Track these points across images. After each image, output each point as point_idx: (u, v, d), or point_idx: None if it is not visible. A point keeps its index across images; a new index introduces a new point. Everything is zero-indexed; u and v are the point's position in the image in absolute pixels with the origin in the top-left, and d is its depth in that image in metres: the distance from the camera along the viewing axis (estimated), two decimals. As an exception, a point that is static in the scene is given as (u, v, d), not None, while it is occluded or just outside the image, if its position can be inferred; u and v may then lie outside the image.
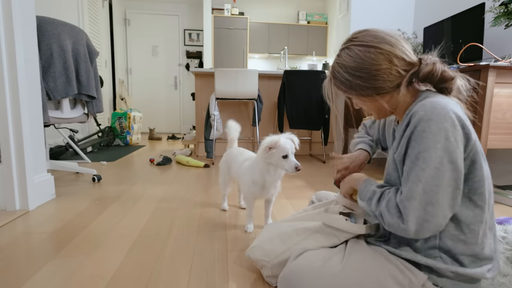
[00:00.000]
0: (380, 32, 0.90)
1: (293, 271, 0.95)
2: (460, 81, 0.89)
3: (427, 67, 0.86)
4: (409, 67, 0.88)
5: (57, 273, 1.21)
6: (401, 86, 0.89)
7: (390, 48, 0.87)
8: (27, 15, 1.92)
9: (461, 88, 0.89)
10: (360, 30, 0.94)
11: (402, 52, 0.88)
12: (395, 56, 0.87)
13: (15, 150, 1.88)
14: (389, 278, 0.85)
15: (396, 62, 0.87)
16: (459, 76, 0.89)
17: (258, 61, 7.22)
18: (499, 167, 2.70)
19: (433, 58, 0.88)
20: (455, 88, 0.88)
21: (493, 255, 0.86)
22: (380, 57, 0.87)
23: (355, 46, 0.90)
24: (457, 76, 0.88)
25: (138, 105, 7.17)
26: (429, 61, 0.88)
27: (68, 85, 2.32)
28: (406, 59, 0.88)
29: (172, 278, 1.19)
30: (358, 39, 0.91)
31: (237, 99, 3.66)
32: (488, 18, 2.78)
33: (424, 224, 0.78)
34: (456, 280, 0.84)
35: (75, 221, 1.76)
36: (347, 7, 4.09)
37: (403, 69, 0.88)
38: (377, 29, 0.92)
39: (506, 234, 1.44)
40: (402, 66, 0.88)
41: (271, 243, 1.13)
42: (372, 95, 0.92)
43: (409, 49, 0.90)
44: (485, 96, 2.03)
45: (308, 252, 0.99)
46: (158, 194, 2.29)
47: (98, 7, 5.62)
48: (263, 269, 1.15)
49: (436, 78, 0.86)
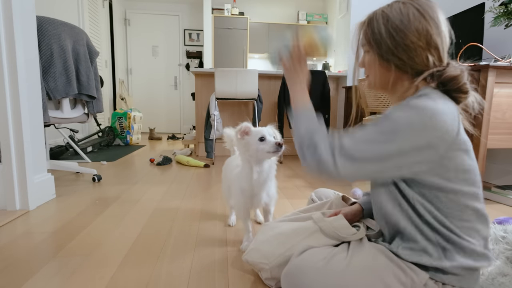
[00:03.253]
0: (440, 12, 0.88)
1: (297, 267, 0.94)
2: (471, 98, 0.88)
3: (455, 71, 0.85)
4: (439, 62, 0.87)
5: (57, 273, 1.21)
6: (418, 76, 0.87)
7: (437, 32, 0.85)
8: (27, 15, 1.92)
9: (468, 106, 0.88)
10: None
11: (442, 44, 0.86)
12: (435, 42, 0.85)
13: (15, 150, 1.88)
14: (392, 278, 0.85)
15: (432, 49, 0.85)
16: (473, 94, 0.88)
17: (258, 61, 7.21)
18: (499, 167, 2.70)
19: (462, 66, 0.87)
20: (464, 103, 0.88)
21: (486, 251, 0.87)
22: (424, 32, 0.84)
23: (412, 7, 0.86)
24: (472, 93, 0.88)
25: (138, 105, 7.17)
26: (458, 67, 0.86)
27: (68, 85, 2.32)
28: (440, 53, 0.86)
29: (171, 279, 1.19)
30: (419, 2, 0.87)
31: (237, 99, 3.66)
32: (488, 18, 2.78)
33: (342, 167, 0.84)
34: (460, 275, 0.85)
35: (75, 221, 1.76)
36: (347, 7, 4.10)
37: (433, 60, 0.86)
38: (440, 9, 0.88)
39: (506, 234, 1.43)
40: (433, 56, 0.86)
41: (269, 244, 1.11)
42: (390, 62, 0.89)
43: (447, 47, 0.88)
44: (485, 96, 2.03)
45: (312, 250, 0.98)
46: (158, 194, 2.29)
47: (98, 7, 5.62)
48: (262, 272, 1.13)
49: (456, 86, 0.85)
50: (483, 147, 2.06)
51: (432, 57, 0.85)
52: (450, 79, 0.85)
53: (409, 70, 0.88)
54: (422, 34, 0.84)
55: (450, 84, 0.85)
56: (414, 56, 0.86)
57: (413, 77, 0.89)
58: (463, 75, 0.85)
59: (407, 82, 0.91)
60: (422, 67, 0.87)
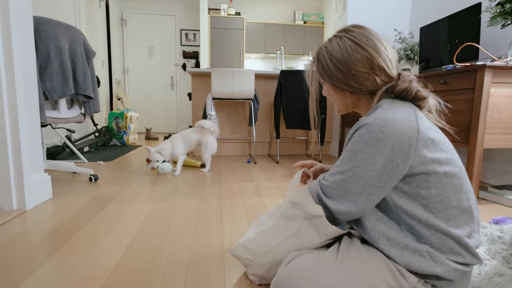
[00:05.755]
0: (375, 36, 0.96)
1: (285, 277, 0.93)
2: (431, 100, 0.95)
3: (404, 84, 0.92)
4: (388, 79, 0.95)
5: (54, 273, 1.21)
6: (375, 96, 0.96)
7: (376, 56, 0.93)
8: (24, 16, 1.91)
9: (431, 108, 0.96)
10: (359, 26, 0.99)
11: (385, 63, 0.94)
12: (378, 64, 0.93)
13: (12, 150, 1.88)
14: (381, 282, 0.85)
15: (377, 71, 0.94)
16: (431, 96, 0.96)
17: (255, 61, 7.22)
18: (496, 167, 2.71)
19: (411, 76, 0.94)
20: (426, 106, 0.95)
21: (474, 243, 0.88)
22: (364, 60, 0.93)
23: (348, 39, 0.96)
24: (429, 96, 0.94)
25: (134, 105, 7.16)
26: (407, 78, 0.93)
27: (65, 85, 2.31)
28: (387, 71, 0.94)
29: (169, 278, 1.19)
30: (353, 34, 0.96)
31: (234, 99, 3.66)
32: (485, 18, 2.79)
33: (338, 204, 0.90)
34: (454, 279, 0.85)
35: (72, 220, 1.75)
36: (343, 7, 4.10)
37: (381, 79, 0.95)
38: (373, 32, 0.97)
39: (502, 233, 1.44)
40: (381, 76, 0.94)
41: (255, 242, 1.13)
42: (344, 89, 0.99)
43: (394, 61, 0.96)
44: (481, 96, 2.04)
45: (299, 257, 0.96)
46: (155, 194, 2.29)
47: (95, 7, 5.60)
48: (248, 267, 1.16)
49: (410, 96, 0.92)
50: (479, 147, 2.07)
51: (379, 77, 0.95)
52: (402, 91, 0.92)
53: (362, 92, 0.98)
54: (364, 62, 0.94)
55: (404, 95, 0.92)
56: (363, 81, 0.95)
57: (370, 95, 0.99)
58: (413, 84, 0.92)
59: (366, 100, 1.01)
60: (374, 87, 0.96)
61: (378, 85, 0.95)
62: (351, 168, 0.87)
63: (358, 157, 0.86)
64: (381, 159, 0.83)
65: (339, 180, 0.89)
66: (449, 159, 0.86)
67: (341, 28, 1.01)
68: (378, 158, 0.84)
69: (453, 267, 0.83)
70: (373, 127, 0.84)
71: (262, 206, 2.06)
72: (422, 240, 0.86)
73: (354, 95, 1.00)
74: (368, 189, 0.86)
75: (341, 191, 0.89)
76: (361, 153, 0.85)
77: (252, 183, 2.68)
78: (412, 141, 0.83)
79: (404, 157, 0.83)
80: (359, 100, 1.01)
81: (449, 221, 0.85)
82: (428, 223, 0.85)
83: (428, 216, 0.85)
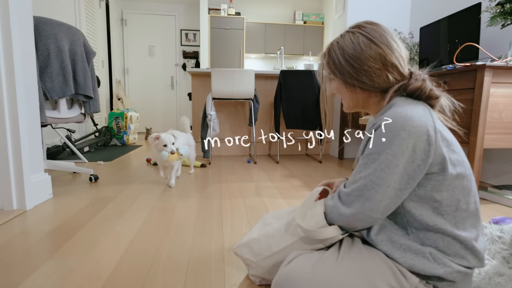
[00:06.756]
0: (387, 33, 0.95)
1: (286, 277, 0.92)
2: (444, 101, 0.93)
3: (417, 82, 0.90)
4: (400, 77, 0.93)
5: (54, 273, 1.21)
6: (386, 94, 0.94)
7: (389, 53, 0.92)
8: (24, 16, 1.91)
9: (445, 108, 0.94)
10: (372, 22, 0.98)
11: (397, 61, 0.92)
12: (391, 61, 0.92)
13: (12, 150, 1.88)
14: (383, 282, 0.85)
15: (390, 68, 0.92)
16: (444, 96, 0.94)
17: (255, 61, 7.22)
18: (495, 167, 2.71)
19: (423, 75, 0.93)
20: (438, 105, 0.93)
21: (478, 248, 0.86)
22: (377, 56, 0.91)
23: (361, 35, 0.95)
24: (442, 96, 0.93)
25: (135, 105, 7.16)
26: (419, 77, 0.92)
27: (65, 85, 2.31)
28: (399, 69, 0.93)
29: (169, 278, 1.19)
30: (366, 29, 0.95)
31: (234, 99, 3.66)
32: (485, 18, 2.79)
33: (358, 215, 0.85)
34: (457, 280, 0.85)
35: (72, 220, 1.75)
36: (343, 7, 4.10)
37: (393, 77, 0.93)
38: (386, 28, 0.96)
39: (502, 233, 1.44)
40: (393, 73, 0.93)
41: (258, 244, 1.13)
42: (355, 85, 0.97)
43: (406, 59, 0.95)
44: (481, 96, 2.04)
45: (300, 257, 0.96)
46: (155, 194, 2.29)
47: (95, 7, 5.60)
48: (249, 268, 1.17)
49: (424, 95, 0.90)
50: (479, 147, 2.07)
51: (391, 75, 0.93)
52: (415, 90, 0.90)
53: (373, 88, 0.96)
54: (376, 58, 0.92)
55: (418, 94, 0.91)
56: (375, 78, 0.93)
57: (381, 93, 0.97)
58: (426, 83, 0.91)
59: (376, 98, 0.98)
60: (386, 85, 0.94)
61: (390, 83, 0.93)
62: (374, 171, 0.83)
63: (382, 159, 0.83)
64: (403, 160, 0.81)
65: (361, 186, 0.85)
66: (460, 160, 0.86)
67: (354, 24, 0.99)
68: (400, 159, 0.81)
69: (456, 269, 0.83)
70: (394, 124, 0.82)
71: (262, 206, 2.06)
72: (428, 243, 0.85)
73: (365, 92, 0.98)
74: (389, 193, 0.83)
75: (363, 198, 0.84)
76: (384, 154, 0.82)
77: (252, 183, 2.69)
78: (431, 140, 0.81)
79: (425, 156, 0.81)
80: (369, 98, 0.99)
81: (457, 223, 0.84)
82: (436, 226, 0.84)
83: (436, 220, 0.84)
